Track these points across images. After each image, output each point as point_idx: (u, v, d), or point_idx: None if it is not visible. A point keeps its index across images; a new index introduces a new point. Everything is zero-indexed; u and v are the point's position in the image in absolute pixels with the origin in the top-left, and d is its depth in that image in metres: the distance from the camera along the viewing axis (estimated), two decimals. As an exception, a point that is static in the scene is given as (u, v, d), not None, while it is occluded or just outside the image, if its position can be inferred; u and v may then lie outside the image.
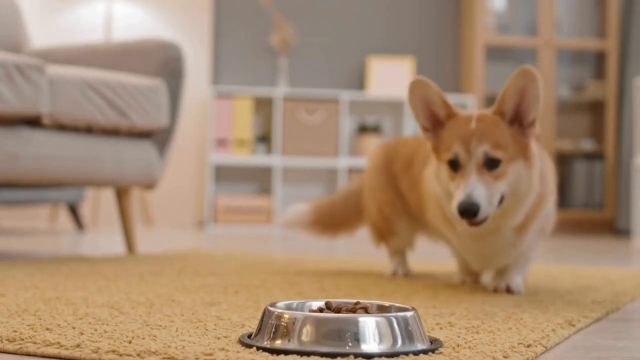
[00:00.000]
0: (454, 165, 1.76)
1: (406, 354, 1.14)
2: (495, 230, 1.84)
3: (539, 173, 1.83)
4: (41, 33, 5.81)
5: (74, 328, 1.32)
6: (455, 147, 1.76)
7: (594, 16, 6.16)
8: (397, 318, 1.17)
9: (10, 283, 1.95)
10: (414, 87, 1.81)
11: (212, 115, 5.71)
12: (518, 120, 1.79)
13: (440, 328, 1.40)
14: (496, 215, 1.79)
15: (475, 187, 1.70)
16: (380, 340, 1.14)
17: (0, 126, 2.53)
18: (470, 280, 2.16)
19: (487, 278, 2.13)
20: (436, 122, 1.84)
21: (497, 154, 1.74)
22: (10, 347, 1.19)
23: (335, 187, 5.99)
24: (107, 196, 5.86)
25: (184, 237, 4.56)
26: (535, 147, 1.86)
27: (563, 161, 6.07)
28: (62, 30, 6.00)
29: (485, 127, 1.76)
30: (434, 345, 1.20)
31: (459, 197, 1.71)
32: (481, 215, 1.69)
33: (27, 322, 1.36)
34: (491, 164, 1.73)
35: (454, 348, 1.21)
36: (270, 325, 1.18)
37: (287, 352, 1.12)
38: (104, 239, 4.27)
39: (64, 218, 5.95)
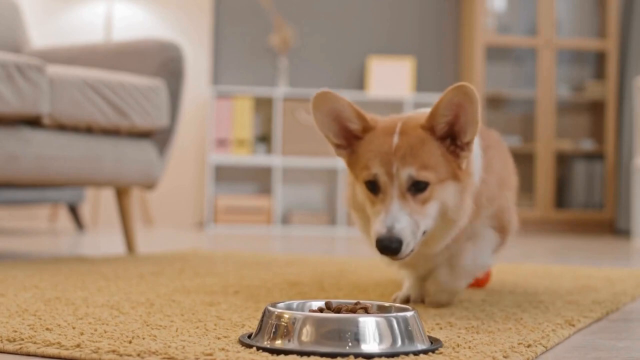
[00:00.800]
0: (373, 187, 1.50)
1: (406, 354, 1.14)
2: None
3: (475, 190, 1.59)
4: (41, 33, 5.81)
5: (74, 328, 1.32)
6: (375, 167, 1.49)
7: (594, 16, 6.17)
8: (397, 318, 1.17)
9: (10, 283, 1.95)
10: (319, 101, 1.53)
11: (212, 116, 5.71)
12: (452, 137, 1.53)
13: (440, 328, 1.40)
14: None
15: (398, 217, 1.45)
16: (381, 341, 1.15)
17: (0, 126, 2.53)
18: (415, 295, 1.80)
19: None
20: (350, 137, 1.57)
21: (425, 175, 1.48)
22: (10, 347, 1.19)
23: (336, 188, 5.99)
24: (107, 196, 5.86)
25: (184, 238, 4.56)
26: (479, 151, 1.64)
27: (563, 161, 6.07)
28: (62, 30, 6.00)
29: (409, 144, 1.49)
30: (434, 346, 1.20)
31: (378, 229, 1.45)
32: (404, 251, 1.44)
33: (27, 322, 1.37)
34: (417, 187, 1.48)
35: (454, 348, 1.21)
36: (270, 325, 1.18)
37: (287, 352, 1.12)
38: (104, 239, 4.27)
39: (64, 218, 5.95)
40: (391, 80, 5.95)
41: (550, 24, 5.93)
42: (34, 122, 2.62)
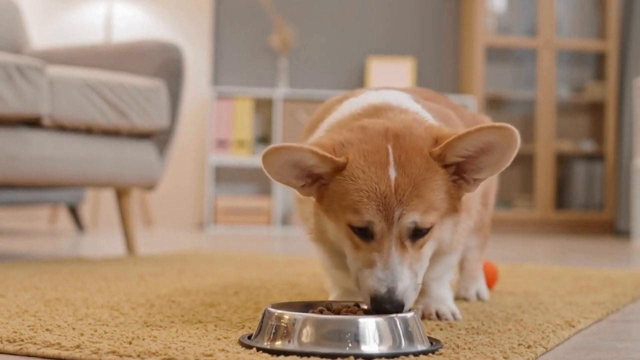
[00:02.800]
0: (363, 233, 1.24)
1: (406, 354, 1.14)
2: None
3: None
4: (41, 34, 5.81)
5: (74, 329, 1.32)
6: (368, 213, 1.22)
7: (594, 17, 6.17)
8: (397, 319, 1.17)
9: (10, 284, 1.95)
10: (272, 157, 1.24)
11: (212, 116, 5.71)
12: (459, 168, 1.28)
13: (441, 329, 1.40)
14: None
15: (400, 275, 1.22)
16: (381, 341, 1.14)
17: (0, 127, 2.53)
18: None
19: None
20: (315, 175, 1.29)
21: (430, 219, 1.24)
22: (10, 347, 1.19)
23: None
24: (107, 197, 5.86)
25: (184, 238, 4.56)
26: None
27: (563, 162, 6.07)
28: (62, 30, 6.00)
29: (413, 180, 1.23)
30: (434, 347, 1.20)
31: (375, 287, 1.21)
32: (406, 309, 1.22)
33: (27, 323, 1.36)
34: (419, 233, 1.25)
35: (453, 349, 1.21)
36: (270, 326, 1.18)
37: (287, 353, 1.12)
38: (104, 240, 4.27)
39: (64, 219, 5.95)
40: (391, 81, 5.95)
41: (550, 24, 5.93)
42: (34, 122, 2.62)
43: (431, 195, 1.24)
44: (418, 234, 1.25)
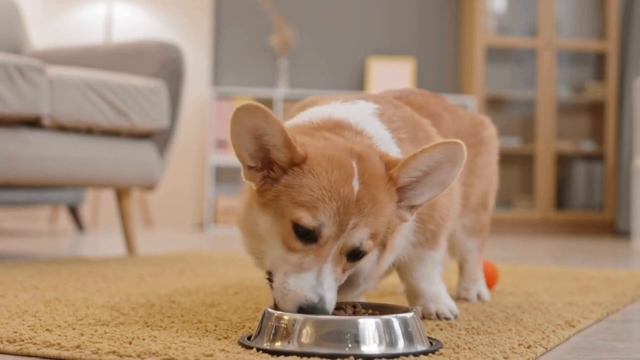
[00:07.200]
0: (305, 234, 1.17)
1: (406, 355, 1.14)
2: None
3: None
4: (42, 34, 5.81)
5: (74, 329, 1.32)
6: (324, 213, 1.15)
7: (594, 17, 6.17)
8: (397, 319, 1.17)
9: (10, 284, 1.95)
10: (245, 113, 1.20)
11: (212, 117, 5.71)
12: (401, 196, 1.25)
13: (441, 329, 1.40)
14: None
15: (329, 285, 1.17)
16: (380, 342, 1.14)
17: (1, 127, 2.53)
18: None
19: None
20: (268, 160, 1.22)
21: (370, 245, 1.20)
22: (10, 348, 1.19)
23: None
24: (107, 197, 5.86)
25: (184, 239, 4.56)
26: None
27: (563, 162, 6.07)
28: (62, 31, 6.00)
29: (373, 198, 1.19)
30: (434, 347, 1.20)
31: (307, 295, 1.16)
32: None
33: (27, 323, 1.36)
34: (355, 256, 1.21)
35: (453, 349, 1.21)
36: (270, 326, 1.18)
37: (287, 354, 1.12)
38: (104, 240, 4.27)
39: (64, 219, 5.95)
40: (391, 82, 5.95)
41: (551, 25, 5.93)
42: (34, 123, 2.62)
43: (382, 220, 1.21)
44: (354, 255, 1.20)
